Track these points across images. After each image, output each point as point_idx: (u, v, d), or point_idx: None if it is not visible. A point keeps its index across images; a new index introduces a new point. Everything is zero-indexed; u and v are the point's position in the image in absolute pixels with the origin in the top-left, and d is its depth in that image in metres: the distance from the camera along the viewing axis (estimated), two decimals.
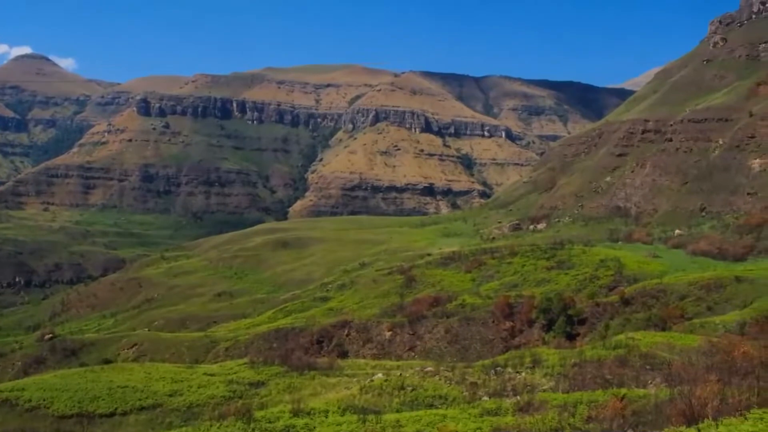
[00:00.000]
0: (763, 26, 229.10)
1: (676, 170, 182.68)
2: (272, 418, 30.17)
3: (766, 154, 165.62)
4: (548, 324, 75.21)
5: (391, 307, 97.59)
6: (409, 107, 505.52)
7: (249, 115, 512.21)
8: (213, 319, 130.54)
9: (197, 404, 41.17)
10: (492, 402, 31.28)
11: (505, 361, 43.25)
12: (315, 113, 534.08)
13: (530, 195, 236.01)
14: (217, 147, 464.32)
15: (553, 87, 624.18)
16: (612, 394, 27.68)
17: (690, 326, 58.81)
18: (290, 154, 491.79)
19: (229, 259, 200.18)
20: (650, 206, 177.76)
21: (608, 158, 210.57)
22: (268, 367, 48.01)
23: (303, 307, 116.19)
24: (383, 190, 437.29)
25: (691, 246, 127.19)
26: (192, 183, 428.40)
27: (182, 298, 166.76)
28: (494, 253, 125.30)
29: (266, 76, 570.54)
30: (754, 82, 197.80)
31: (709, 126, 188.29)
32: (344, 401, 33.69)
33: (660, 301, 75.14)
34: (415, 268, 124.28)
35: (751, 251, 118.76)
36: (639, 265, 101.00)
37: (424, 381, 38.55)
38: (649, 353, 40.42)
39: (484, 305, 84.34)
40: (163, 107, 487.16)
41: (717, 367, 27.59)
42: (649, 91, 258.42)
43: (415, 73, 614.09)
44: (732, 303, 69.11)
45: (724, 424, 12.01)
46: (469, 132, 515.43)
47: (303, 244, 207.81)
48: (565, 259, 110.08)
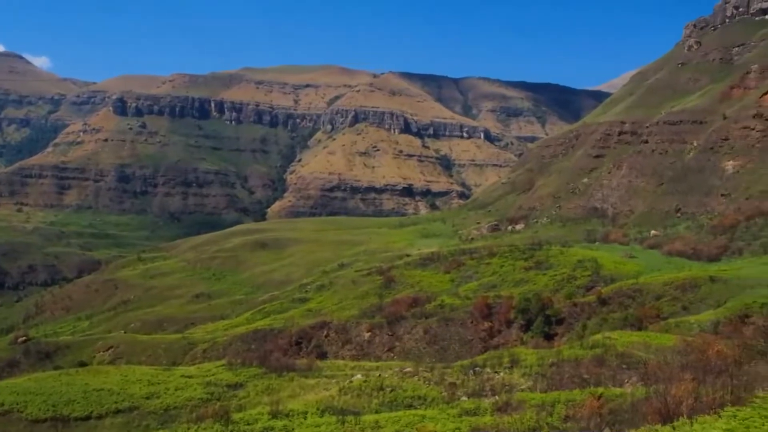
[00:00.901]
0: (736, 30, 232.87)
1: (652, 172, 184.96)
2: (250, 420, 30.01)
3: (740, 156, 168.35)
4: (526, 324, 75.68)
5: (370, 308, 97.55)
6: (388, 108, 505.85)
7: (227, 115, 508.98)
8: (191, 321, 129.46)
9: (174, 407, 40.79)
10: (471, 402, 31.40)
11: (483, 361, 43.44)
12: (294, 114, 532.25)
13: (508, 196, 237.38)
14: (194, 147, 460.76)
15: (531, 89, 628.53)
16: (589, 393, 27.92)
17: (665, 326, 59.53)
18: (269, 154, 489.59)
19: (207, 260, 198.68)
20: (626, 207, 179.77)
21: (585, 159, 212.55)
22: (246, 369, 47.72)
23: (282, 308, 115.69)
24: (362, 191, 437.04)
25: (666, 246, 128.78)
26: (169, 183, 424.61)
27: (159, 299, 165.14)
28: (473, 254, 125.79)
29: (245, 76, 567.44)
30: (728, 86, 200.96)
31: (683, 128, 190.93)
32: (323, 402, 33.60)
33: (636, 300, 75.96)
34: (394, 268, 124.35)
35: (724, 251, 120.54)
36: (616, 265, 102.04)
37: (403, 382, 38.57)
38: (626, 352, 40.85)
39: (463, 306, 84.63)
40: (139, 107, 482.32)
41: (692, 365, 27.94)
42: (625, 94, 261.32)
43: (394, 73, 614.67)
44: (706, 302, 70.04)
45: (698, 422, 12.15)
46: (448, 133, 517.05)
47: (282, 245, 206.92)
48: (543, 259, 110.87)
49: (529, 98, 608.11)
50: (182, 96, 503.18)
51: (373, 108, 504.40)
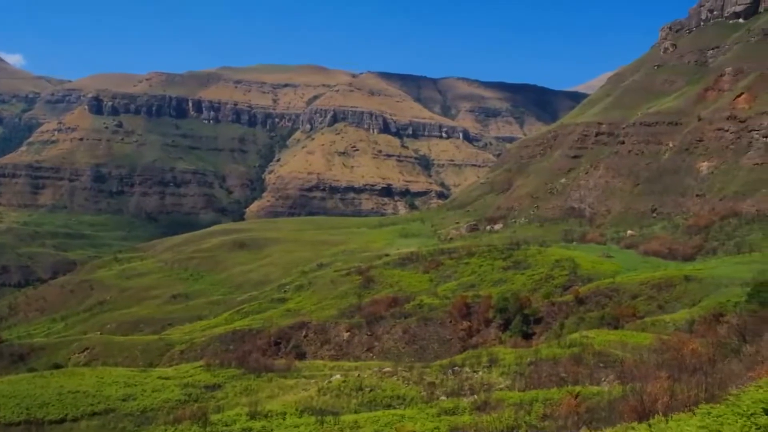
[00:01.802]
0: (711, 33, 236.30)
1: (629, 172, 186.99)
2: (229, 421, 29.83)
3: (714, 157, 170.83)
4: (505, 323, 76.18)
5: (349, 308, 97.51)
6: (367, 108, 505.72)
7: (205, 114, 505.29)
8: (168, 322, 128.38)
9: (151, 408, 40.36)
10: (449, 401, 31.49)
11: (462, 360, 43.60)
12: (272, 113, 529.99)
13: (487, 196, 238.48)
14: (172, 147, 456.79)
15: (509, 89, 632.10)
16: (567, 392, 28.15)
17: (642, 324, 60.24)
18: (247, 154, 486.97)
19: (185, 260, 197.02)
20: (603, 207, 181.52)
21: (563, 160, 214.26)
22: (224, 370, 47.40)
23: (260, 308, 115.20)
24: (341, 191, 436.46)
25: (642, 246, 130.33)
26: (146, 183, 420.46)
27: (136, 300, 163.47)
28: (452, 254, 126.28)
29: (223, 75, 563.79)
30: (703, 88, 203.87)
31: (659, 129, 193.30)
32: (302, 403, 33.50)
33: (613, 300, 76.80)
34: (373, 268, 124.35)
35: (699, 251, 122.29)
36: (593, 265, 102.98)
37: (382, 381, 38.57)
38: (603, 351, 41.24)
39: (442, 305, 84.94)
40: (115, 106, 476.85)
41: (667, 364, 28.28)
42: (602, 95, 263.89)
43: (373, 73, 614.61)
44: (681, 301, 70.99)
45: (673, 420, 12.28)
46: (427, 133, 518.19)
47: (260, 245, 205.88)
48: (521, 259, 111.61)
49: (508, 99, 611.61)
50: (159, 95, 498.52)
51: (352, 108, 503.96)
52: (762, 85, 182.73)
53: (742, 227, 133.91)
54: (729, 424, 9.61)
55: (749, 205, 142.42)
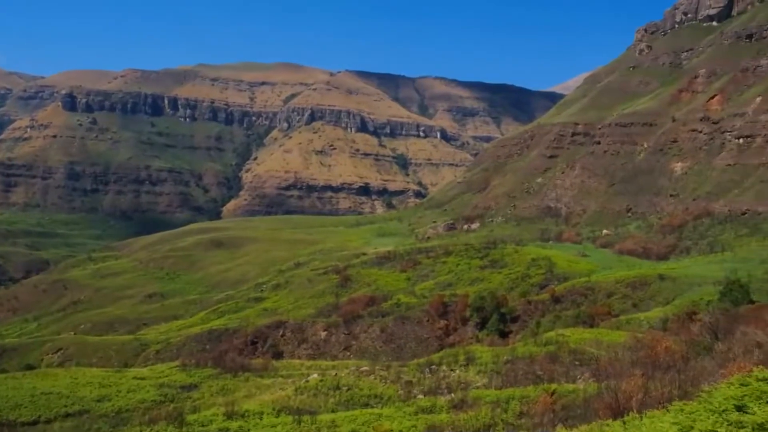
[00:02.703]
0: (685, 35, 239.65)
1: (604, 172, 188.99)
2: (205, 421, 29.63)
3: (687, 158, 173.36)
4: (482, 322, 76.61)
5: (327, 307, 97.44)
6: (344, 107, 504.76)
7: (181, 112, 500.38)
8: (143, 322, 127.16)
9: (126, 409, 39.92)
10: (427, 400, 31.59)
11: (439, 359, 43.76)
12: (249, 111, 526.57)
13: (464, 195, 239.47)
14: (147, 144, 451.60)
15: (487, 89, 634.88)
16: (543, 390, 28.40)
17: (616, 323, 60.97)
18: (224, 152, 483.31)
19: (160, 259, 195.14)
20: (579, 207, 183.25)
21: (539, 160, 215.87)
22: (200, 370, 47.06)
23: (237, 307, 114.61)
24: (318, 190, 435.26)
25: (617, 245, 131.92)
26: (121, 181, 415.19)
27: (110, 300, 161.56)
28: (429, 253, 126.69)
29: (199, 72, 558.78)
30: (677, 89, 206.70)
31: (634, 130, 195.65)
32: (279, 402, 33.38)
33: (588, 298, 77.64)
34: (350, 267, 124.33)
35: (673, 250, 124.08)
36: (569, 264, 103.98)
37: (359, 380, 38.57)
38: (578, 349, 41.67)
39: (419, 304, 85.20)
40: (90, 102, 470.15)
41: (641, 361, 28.62)
42: (578, 95, 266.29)
43: (350, 72, 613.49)
44: (655, 300, 72.00)
45: (647, 417, 12.45)
46: (404, 132, 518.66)
47: (237, 244, 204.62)
48: (498, 258, 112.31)
49: (485, 98, 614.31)
50: (134, 92, 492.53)
51: (329, 107, 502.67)
52: (734, 87, 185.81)
53: (714, 227, 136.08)
54: (701, 421, 9.75)
55: (722, 205, 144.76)
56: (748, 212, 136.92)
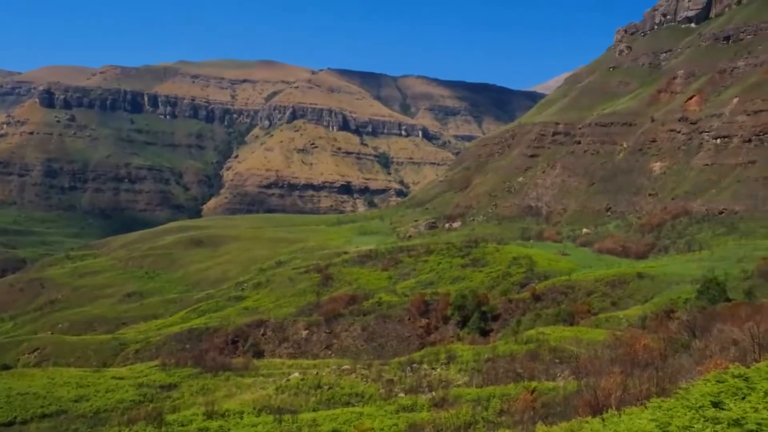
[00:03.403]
0: (664, 36, 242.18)
1: (584, 172, 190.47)
2: (185, 421, 29.45)
3: (666, 158, 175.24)
4: (463, 320, 76.84)
5: (308, 306, 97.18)
6: (326, 105, 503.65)
7: (161, 109, 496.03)
8: (122, 321, 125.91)
9: (105, 409, 39.54)
10: (408, 398, 31.65)
11: (420, 357, 43.85)
12: (231, 109, 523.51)
13: (446, 194, 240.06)
14: (126, 142, 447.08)
15: (468, 89, 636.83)
16: (523, 388, 28.56)
17: (596, 321, 61.53)
18: (205, 150, 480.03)
19: (140, 258, 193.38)
20: (560, 206, 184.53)
21: (520, 159, 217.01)
22: (180, 369, 46.74)
23: (217, 306, 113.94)
24: (300, 188, 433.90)
25: (597, 244, 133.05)
26: (99, 179, 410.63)
27: (89, 299, 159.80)
28: (410, 252, 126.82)
29: (180, 69, 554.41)
30: (656, 90, 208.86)
31: (614, 130, 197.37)
32: (260, 402, 33.26)
33: (568, 297, 78.21)
34: (331, 266, 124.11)
35: (651, 249, 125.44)
36: (549, 262, 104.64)
37: (340, 379, 38.53)
38: (558, 347, 41.98)
39: (401, 303, 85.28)
40: (68, 99, 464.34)
41: (620, 359, 28.91)
42: (559, 95, 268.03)
43: (332, 70, 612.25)
44: (634, 298, 72.72)
45: (626, 413, 12.57)
46: (386, 131, 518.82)
47: (217, 243, 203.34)
48: (479, 257, 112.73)
49: (467, 98, 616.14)
50: (113, 89, 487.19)
51: (311, 105, 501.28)
52: (712, 88, 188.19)
53: (692, 226, 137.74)
54: (679, 417, 9.86)
55: (699, 204, 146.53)
56: (725, 211, 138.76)
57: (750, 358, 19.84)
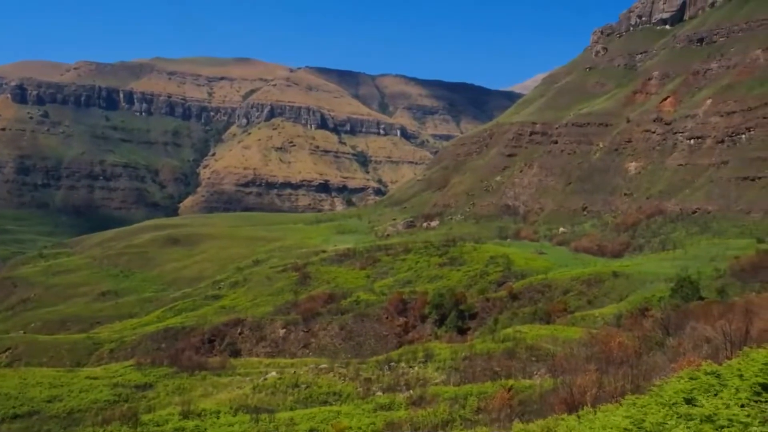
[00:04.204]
0: (640, 38, 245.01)
1: (561, 171, 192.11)
2: (160, 421, 29.18)
3: (641, 158, 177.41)
4: (440, 319, 77.11)
5: (285, 305, 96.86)
6: (304, 103, 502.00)
7: (137, 106, 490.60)
8: (96, 320, 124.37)
9: (78, 410, 39.04)
10: (385, 397, 31.68)
11: (398, 356, 43.90)
12: (208, 107, 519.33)
13: (424, 193, 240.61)
14: (101, 139, 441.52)
15: (446, 88, 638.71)
16: (500, 386, 28.74)
17: (572, 319, 62.10)
18: (181, 148, 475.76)
19: (115, 256, 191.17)
20: (537, 205, 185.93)
21: (498, 158, 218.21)
22: (156, 369, 46.33)
23: (194, 305, 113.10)
24: (278, 187, 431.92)
25: (573, 243, 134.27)
26: (73, 177, 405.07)
27: (62, 298, 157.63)
28: (388, 251, 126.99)
29: (156, 66, 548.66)
30: (631, 91, 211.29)
31: (590, 130, 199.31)
32: (236, 401, 33.09)
33: (545, 295, 78.87)
34: (309, 265, 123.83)
35: (627, 248, 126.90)
36: (526, 261, 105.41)
37: (318, 378, 38.45)
38: (535, 345, 42.30)
39: (379, 302, 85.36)
40: (41, 95, 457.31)
41: (596, 357, 29.22)
42: (536, 95, 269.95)
43: (311, 69, 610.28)
44: (610, 297, 73.49)
45: (601, 411, 12.70)
46: (364, 130, 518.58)
47: (194, 241, 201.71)
48: (457, 255, 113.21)
49: (445, 97, 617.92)
50: (88, 85, 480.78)
51: (289, 103, 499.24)
52: (686, 89, 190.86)
53: (666, 225, 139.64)
54: (652, 414, 9.98)
55: (673, 204, 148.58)
56: (698, 211, 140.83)
57: (722, 355, 20.15)
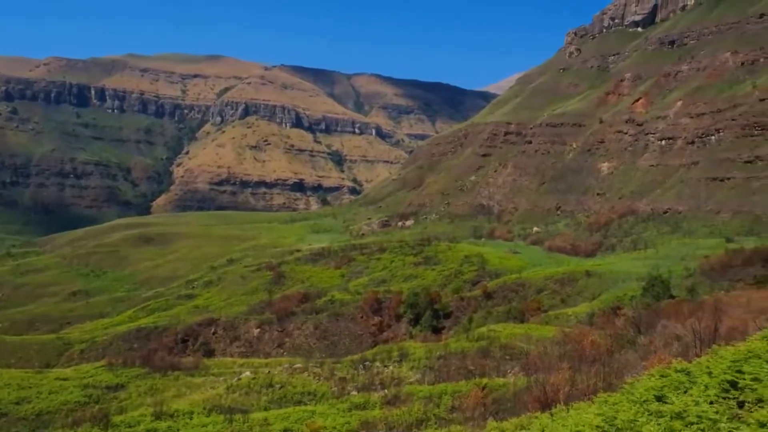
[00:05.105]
0: (612, 40, 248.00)
1: (535, 171, 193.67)
2: (132, 422, 28.83)
3: (614, 158, 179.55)
4: (415, 318, 77.25)
5: (260, 304, 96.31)
6: (279, 102, 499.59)
7: (109, 103, 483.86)
8: (67, 320, 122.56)
9: (48, 412, 38.39)
10: (360, 396, 31.66)
11: (373, 355, 43.89)
12: (181, 104, 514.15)
13: (399, 192, 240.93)
14: (72, 136, 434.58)
15: (422, 87, 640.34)
16: (474, 384, 28.88)
17: (545, 318, 62.64)
18: (154, 146, 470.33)
19: (86, 255, 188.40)
20: (511, 205, 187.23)
21: (473, 158, 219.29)
22: (127, 369, 45.75)
23: (167, 305, 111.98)
24: (252, 186, 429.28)
25: (547, 242, 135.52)
26: (43, 174, 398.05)
27: (31, 297, 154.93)
28: (363, 250, 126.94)
29: (128, 62, 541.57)
30: (604, 92, 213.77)
31: (564, 130, 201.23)
32: (210, 401, 32.82)
33: (519, 294, 79.41)
34: (284, 264, 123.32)
35: (599, 247, 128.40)
36: (500, 260, 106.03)
37: (292, 378, 38.29)
38: (509, 344, 42.59)
39: (353, 301, 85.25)
40: (10, 91, 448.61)
41: (569, 355, 29.49)
42: (511, 95, 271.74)
43: (286, 67, 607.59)
44: (583, 295, 74.25)
45: (574, 408, 12.81)
46: (339, 129, 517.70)
47: (167, 240, 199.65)
48: (431, 255, 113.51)
49: (420, 97, 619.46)
50: (59, 81, 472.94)
51: (264, 101, 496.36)
52: (657, 91, 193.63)
53: (638, 225, 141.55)
54: (624, 411, 10.10)
55: (645, 204, 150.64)
56: (669, 211, 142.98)
57: (692, 352, 20.47)
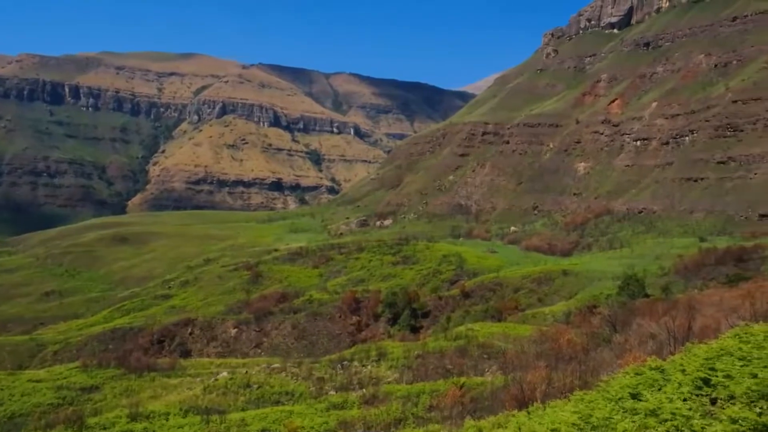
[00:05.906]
0: (589, 41, 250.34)
1: (513, 171, 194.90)
2: (107, 424, 28.49)
3: (590, 158, 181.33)
4: (393, 318, 77.33)
5: (237, 304, 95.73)
6: (257, 101, 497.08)
7: (83, 101, 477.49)
8: (40, 321, 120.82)
9: (20, 414, 37.78)
10: (338, 396, 31.60)
11: (351, 355, 43.84)
12: (157, 102, 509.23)
13: (377, 192, 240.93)
14: (45, 134, 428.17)
15: (400, 87, 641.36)
16: (452, 383, 28.97)
17: (523, 317, 63.06)
18: (130, 144, 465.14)
19: (59, 255, 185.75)
20: (489, 204, 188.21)
21: (451, 158, 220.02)
22: (102, 371, 45.17)
23: (143, 305, 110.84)
24: (230, 185, 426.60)
25: (524, 242, 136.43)
26: (15, 173, 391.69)
27: (3, 298, 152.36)
28: (341, 249, 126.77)
29: (103, 60, 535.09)
30: (581, 93, 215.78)
31: (541, 131, 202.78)
32: (186, 402, 32.54)
33: (497, 293, 79.86)
34: (261, 263, 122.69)
35: (576, 247, 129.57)
36: (478, 260, 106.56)
37: (270, 378, 38.11)
38: (487, 343, 42.78)
39: (331, 300, 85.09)
40: None
41: (546, 354, 29.72)
42: (489, 96, 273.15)
43: (264, 66, 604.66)
44: (559, 294, 74.90)
45: (550, 406, 12.91)
46: (318, 128, 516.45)
47: (143, 240, 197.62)
48: (410, 254, 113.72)
49: (399, 96, 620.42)
50: (32, 78, 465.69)
51: (241, 100, 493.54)
52: (633, 92, 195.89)
53: (613, 224, 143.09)
54: (599, 409, 10.20)
55: (620, 204, 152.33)
56: (644, 211, 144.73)
57: (666, 350, 20.73)
